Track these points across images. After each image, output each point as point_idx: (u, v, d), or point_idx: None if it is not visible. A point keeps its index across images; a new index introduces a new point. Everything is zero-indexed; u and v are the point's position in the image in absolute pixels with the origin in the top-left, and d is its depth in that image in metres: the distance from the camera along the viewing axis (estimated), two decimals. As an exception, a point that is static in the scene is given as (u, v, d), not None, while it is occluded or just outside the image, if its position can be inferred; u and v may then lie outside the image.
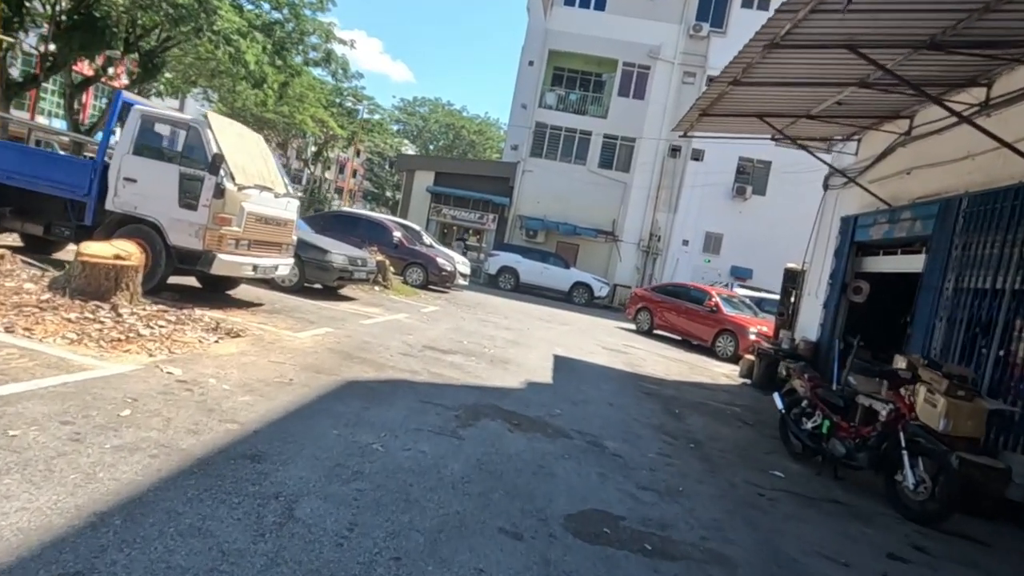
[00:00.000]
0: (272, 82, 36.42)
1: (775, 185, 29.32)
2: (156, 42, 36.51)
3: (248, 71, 33.96)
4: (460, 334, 10.56)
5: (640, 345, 14.97)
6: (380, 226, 17.95)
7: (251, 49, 33.02)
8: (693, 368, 12.81)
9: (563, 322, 16.86)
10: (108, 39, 31.92)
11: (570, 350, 11.59)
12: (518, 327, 13.43)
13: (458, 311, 14.11)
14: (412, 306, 13.20)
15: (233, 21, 32.21)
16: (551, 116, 30.65)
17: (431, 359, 7.88)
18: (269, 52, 40.10)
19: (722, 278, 29.21)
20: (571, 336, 13.90)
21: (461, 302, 16.38)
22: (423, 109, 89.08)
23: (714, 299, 16.66)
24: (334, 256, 11.22)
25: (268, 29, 39.48)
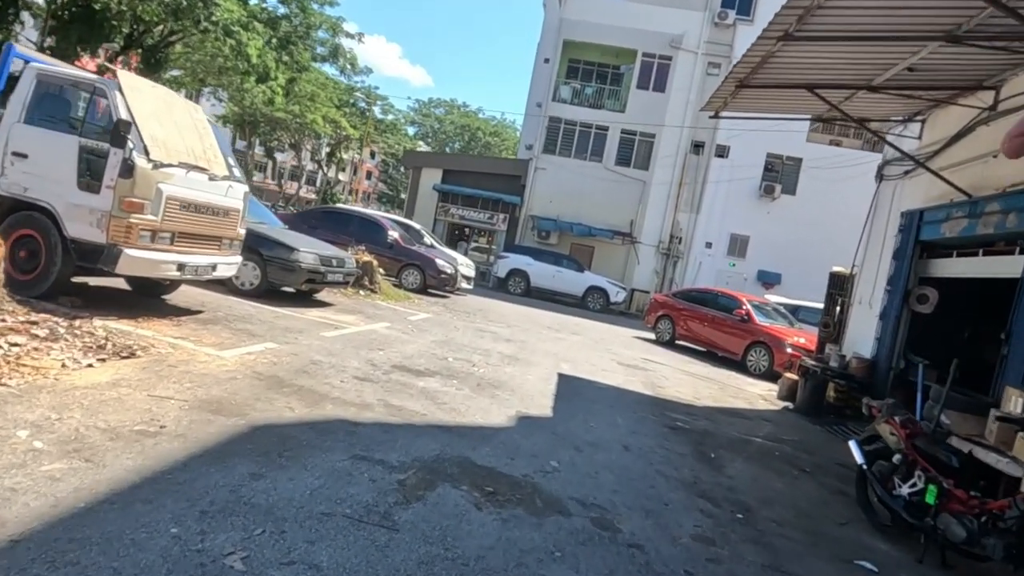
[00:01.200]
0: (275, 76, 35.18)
1: (806, 183, 27.34)
2: (159, 37, 35.41)
3: (250, 64, 32.74)
4: (447, 348, 8.83)
5: (661, 359, 13.15)
6: (374, 224, 16.29)
7: (253, 41, 31.77)
8: (724, 388, 10.97)
9: (574, 331, 15.07)
10: (107, 32, 30.77)
11: (579, 367, 9.81)
12: (521, 338, 11.68)
13: (453, 319, 12.39)
14: (399, 313, 11.50)
15: (232, 11, 30.81)
16: (566, 110, 28.88)
17: (396, 385, 6.15)
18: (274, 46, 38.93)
19: (748, 283, 27.28)
20: (582, 349, 12.11)
21: (460, 308, 14.66)
22: (439, 111, 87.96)
23: (745, 307, 14.80)
24: (302, 254, 9.54)
25: (273, 23, 38.19)
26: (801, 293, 21.46)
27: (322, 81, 63.25)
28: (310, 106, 61.82)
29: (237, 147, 76.30)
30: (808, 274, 26.52)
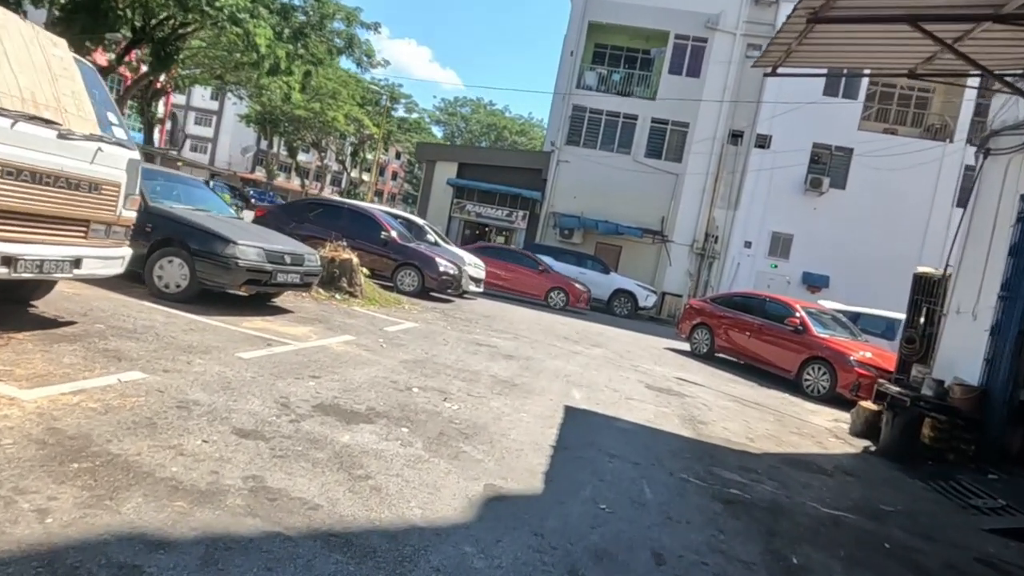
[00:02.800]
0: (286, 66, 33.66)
1: (858, 176, 24.68)
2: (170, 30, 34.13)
3: (260, 55, 31.20)
4: (418, 373, 6.67)
5: (699, 377, 10.84)
6: (366, 218, 14.25)
7: (260, 30, 30.18)
8: (782, 420, 8.62)
9: (595, 342, 12.82)
10: (113, 22, 29.49)
11: (596, 395, 7.57)
12: (527, 354, 9.48)
13: (447, 329, 10.23)
14: (377, 322, 9.39)
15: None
16: (590, 98, 26.62)
17: (300, 444, 4.01)
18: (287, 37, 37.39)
19: (791, 287, 24.70)
20: (602, 367, 9.86)
21: (462, 315, 12.52)
22: (465, 109, 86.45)
23: (799, 314, 12.40)
24: (240, 249, 7.47)
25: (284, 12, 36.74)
26: (851, 298, 18.95)
27: (344, 78, 62.04)
28: (332, 104, 60.68)
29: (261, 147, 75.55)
30: (860, 277, 23.91)
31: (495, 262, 19.08)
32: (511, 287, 19.39)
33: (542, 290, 19.30)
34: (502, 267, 19.32)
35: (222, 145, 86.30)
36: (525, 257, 20.27)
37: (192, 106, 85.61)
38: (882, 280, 23.34)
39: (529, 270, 19.62)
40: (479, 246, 20.70)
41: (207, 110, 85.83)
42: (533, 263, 19.90)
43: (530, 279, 19.42)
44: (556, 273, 20.02)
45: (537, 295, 19.25)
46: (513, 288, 19.36)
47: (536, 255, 20.73)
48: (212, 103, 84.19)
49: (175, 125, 8.77)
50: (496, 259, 19.43)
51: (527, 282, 19.39)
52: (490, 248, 20.81)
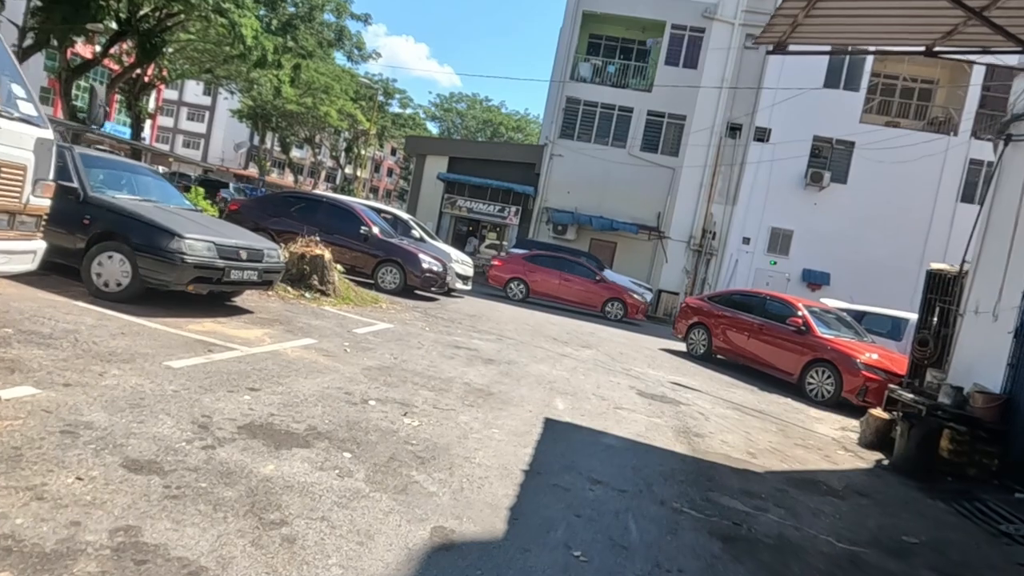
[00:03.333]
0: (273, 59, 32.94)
1: (860, 170, 23.97)
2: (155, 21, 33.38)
3: (246, 46, 30.48)
4: (379, 382, 5.96)
5: (695, 382, 10.13)
6: (344, 212, 13.51)
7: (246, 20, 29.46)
8: (786, 430, 7.91)
9: (586, 343, 12.11)
10: (95, 12, 28.71)
11: (582, 404, 6.86)
12: (510, 357, 8.76)
13: (425, 330, 9.51)
14: (346, 323, 8.66)
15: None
16: (585, 90, 25.87)
17: (206, 478, 3.29)
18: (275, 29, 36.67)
19: (791, 284, 24.03)
20: (591, 371, 9.15)
21: (445, 315, 11.80)
22: (461, 105, 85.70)
23: (801, 313, 11.70)
24: (187, 243, 6.73)
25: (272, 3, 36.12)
26: (852, 296, 18.24)
27: (337, 73, 61.15)
28: (324, 99, 59.80)
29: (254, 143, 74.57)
30: (861, 274, 23.22)
31: (546, 271, 18.83)
32: (563, 297, 18.72)
33: (598, 301, 18.55)
34: (555, 276, 18.79)
35: (215, 141, 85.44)
36: (581, 266, 19.40)
37: (184, 101, 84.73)
38: (885, 277, 22.70)
39: (584, 280, 18.84)
40: (533, 253, 20.21)
41: (200, 105, 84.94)
42: (590, 272, 19.16)
43: (585, 289, 18.67)
44: (613, 282, 19.43)
45: (593, 306, 18.54)
46: (566, 299, 18.69)
47: (592, 263, 20.23)
48: (205, 99, 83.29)
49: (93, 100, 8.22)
50: (548, 267, 19.00)
51: (582, 292, 18.66)
52: (541, 256, 20.01)
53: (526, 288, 18.72)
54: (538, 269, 18.91)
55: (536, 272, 18.84)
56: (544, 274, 18.77)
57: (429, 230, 17.37)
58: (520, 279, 18.76)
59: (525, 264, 19.15)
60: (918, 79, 25.60)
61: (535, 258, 19.60)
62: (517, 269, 18.99)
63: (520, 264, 19.18)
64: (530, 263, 19.17)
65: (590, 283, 18.82)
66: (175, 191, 8.59)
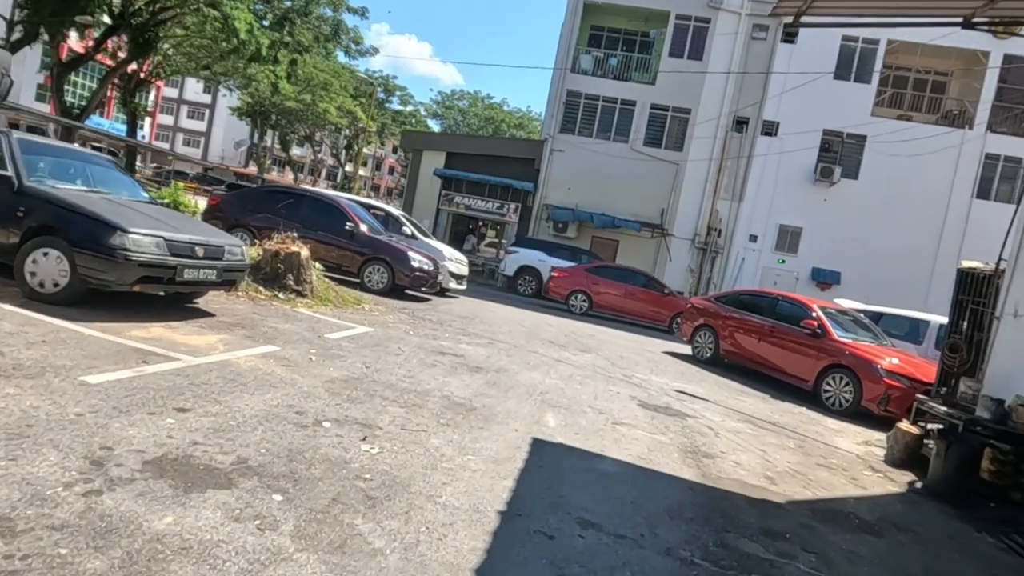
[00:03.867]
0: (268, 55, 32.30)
1: (872, 165, 23.13)
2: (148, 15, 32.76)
3: (240, 40, 29.83)
4: (345, 396, 5.19)
5: (702, 390, 9.34)
6: (329, 207, 12.75)
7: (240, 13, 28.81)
8: (804, 447, 7.12)
9: (585, 346, 11.33)
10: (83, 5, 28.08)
11: (576, 419, 6.08)
12: (500, 364, 7.99)
13: (408, 335, 8.74)
14: (321, 327, 7.90)
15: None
16: (586, 83, 25.08)
17: (63, 539, 2.53)
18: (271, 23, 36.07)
19: (800, 283, 23.23)
20: (589, 378, 8.37)
21: (434, 317, 11.03)
22: (462, 103, 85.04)
23: (816, 314, 10.91)
24: (132, 239, 5.97)
25: (268, -2, 35.38)
26: (863, 295, 17.45)
27: (336, 70, 60.42)
28: (323, 95, 59.09)
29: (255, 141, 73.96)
30: (873, 273, 22.37)
31: (611, 283, 18.24)
32: (629, 311, 18.03)
33: (666, 316, 17.78)
34: (620, 289, 18.16)
35: (215, 139, 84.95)
36: (648, 279, 19.03)
37: (185, 99, 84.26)
38: (897, 277, 21.90)
39: (653, 293, 18.24)
40: (595, 265, 19.79)
41: (200, 103, 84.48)
42: (658, 286, 18.73)
43: (653, 304, 17.99)
44: (681, 298, 18.87)
45: (660, 321, 17.80)
46: (631, 312, 18.00)
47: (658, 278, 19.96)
48: (205, 97, 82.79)
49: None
50: (613, 280, 18.47)
51: (648, 307, 17.99)
52: (606, 267, 19.70)
53: (589, 301, 18.04)
54: (602, 281, 18.37)
55: (600, 284, 18.25)
56: (608, 286, 18.18)
57: (422, 227, 16.61)
58: (583, 292, 18.15)
59: (588, 276, 18.56)
60: (931, 71, 24.76)
61: (598, 270, 19.10)
62: (580, 281, 18.41)
63: (583, 276, 18.60)
64: (594, 275, 18.61)
65: (658, 297, 18.21)
66: (131, 181, 7.83)
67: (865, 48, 23.13)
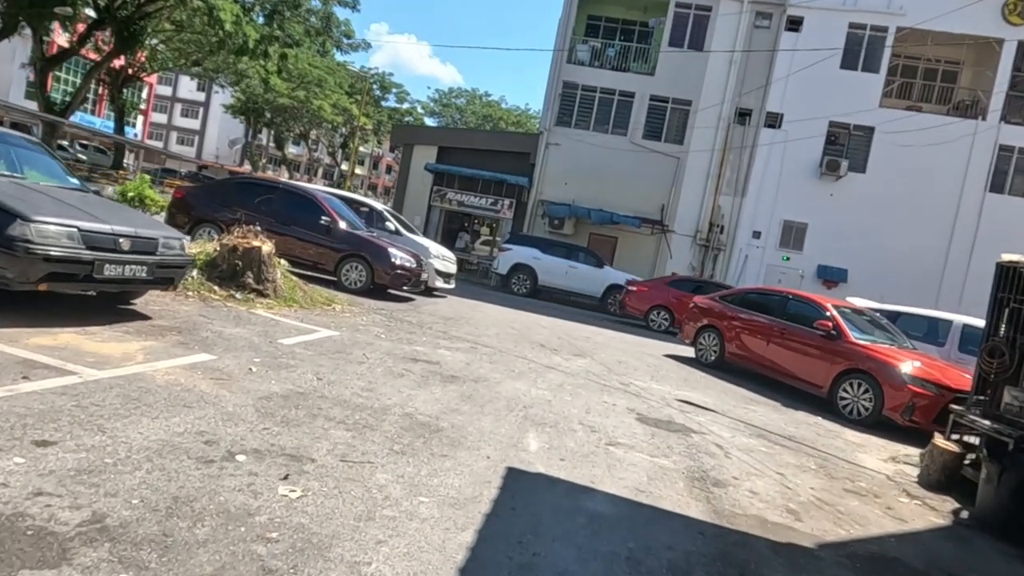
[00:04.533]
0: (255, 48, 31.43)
1: (880, 158, 22.21)
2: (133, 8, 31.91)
3: (225, 32, 29.01)
4: (279, 418, 4.27)
5: (708, 398, 8.42)
6: (304, 200, 11.83)
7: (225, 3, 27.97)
8: (827, 466, 6.20)
9: (579, 350, 10.41)
10: (62, -4, 27.26)
11: (563, 440, 5.16)
12: (481, 372, 7.06)
13: (379, 339, 7.81)
14: (277, 331, 6.97)
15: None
16: (583, 74, 24.15)
17: None
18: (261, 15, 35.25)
19: (805, 281, 22.31)
20: (582, 388, 7.44)
21: (415, 318, 10.11)
22: (460, 100, 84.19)
23: (831, 314, 9.99)
24: (36, 228, 5.04)
25: (255, -10, 34.43)
26: (872, 293, 16.55)
27: (331, 66, 59.48)
28: (318, 92, 58.13)
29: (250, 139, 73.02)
30: (881, 270, 21.43)
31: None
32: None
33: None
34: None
35: (209, 137, 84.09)
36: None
37: (179, 98, 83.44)
38: (907, 274, 21.00)
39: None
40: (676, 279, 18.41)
41: (194, 101, 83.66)
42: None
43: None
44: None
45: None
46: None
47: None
48: (199, 95, 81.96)
49: None
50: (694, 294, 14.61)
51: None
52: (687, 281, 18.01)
53: (671, 317, 16.44)
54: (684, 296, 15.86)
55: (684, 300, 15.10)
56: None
57: (409, 223, 15.68)
58: (665, 308, 16.87)
59: (670, 291, 17.32)
60: (941, 60, 23.83)
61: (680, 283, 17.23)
62: (662, 296, 17.26)
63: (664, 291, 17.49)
64: (675, 289, 17.09)
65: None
66: (58, 166, 6.88)
67: (873, 36, 22.20)
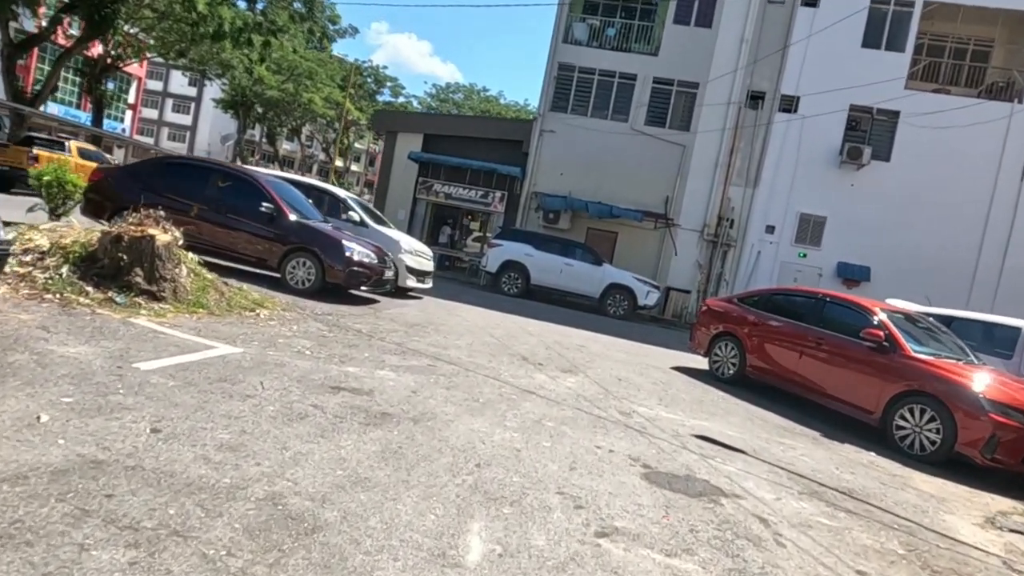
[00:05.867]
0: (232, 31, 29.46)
1: (906, 145, 20.26)
2: (102, -11, 29.76)
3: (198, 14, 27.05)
4: (23, 527, 2.35)
5: (733, 429, 6.50)
6: (243, 183, 9.94)
7: (198, -16, 26.01)
8: (917, 550, 4.26)
9: (569, 364, 8.48)
10: (23, -23, 25.36)
11: (524, 532, 3.24)
12: (426, 405, 5.15)
13: (298, 358, 5.89)
14: (144, 347, 5.06)
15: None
16: (581, 54, 22.20)
17: None
18: (244, 0, 33.19)
19: (824, 280, 20.39)
20: (566, 423, 5.51)
21: (365, 327, 8.18)
22: (458, 96, 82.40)
23: (881, 320, 8.09)
24: None
25: (234, -26, 32.51)
26: (902, 291, 14.63)
27: (322, 58, 57.66)
28: (308, 85, 56.36)
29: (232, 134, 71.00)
30: (908, 268, 19.46)
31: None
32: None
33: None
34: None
35: (201, 133, 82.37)
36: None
37: (170, 92, 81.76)
38: (936, 272, 19.06)
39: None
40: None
41: (185, 96, 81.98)
42: None
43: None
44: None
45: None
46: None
47: None
48: (190, 90, 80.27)
49: None
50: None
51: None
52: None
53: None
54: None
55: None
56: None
57: (379, 213, 13.75)
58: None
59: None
60: (971, 39, 21.86)
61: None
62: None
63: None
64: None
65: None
66: None
67: (898, 11, 20.25)
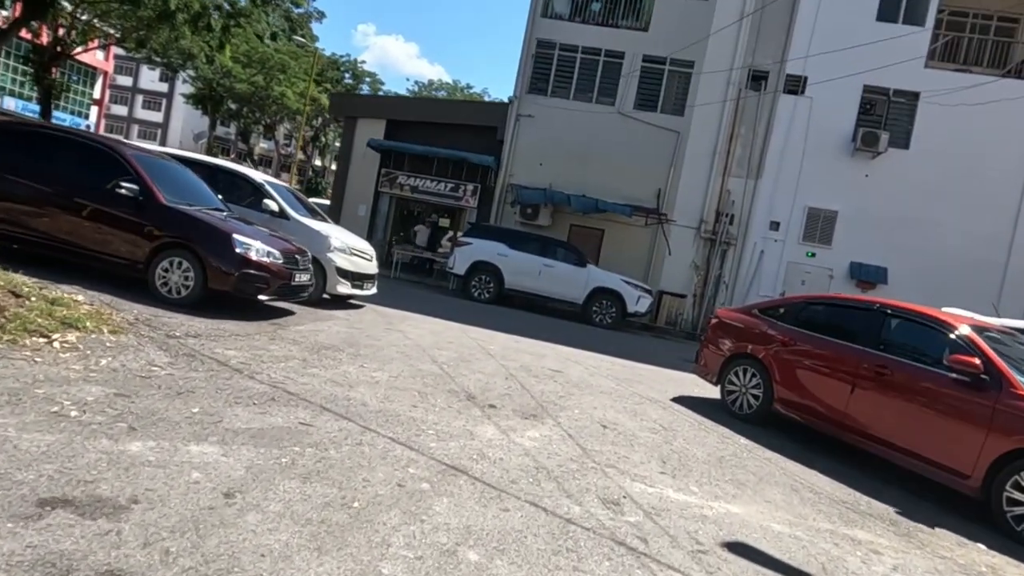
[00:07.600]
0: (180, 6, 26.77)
1: (926, 130, 18.01)
2: (42, -36, 27.04)
3: (146, -7, 24.41)
4: None
5: (777, 522, 4.09)
6: (101, 155, 7.42)
7: (140, -42, 23.40)
8: None
9: (535, 402, 6.03)
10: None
11: None
12: (242, 529, 2.70)
13: (53, 429, 3.41)
14: None
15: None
16: (562, 30, 19.81)
17: None
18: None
19: (835, 282, 18.15)
20: (500, 540, 3.07)
21: (241, 354, 5.70)
22: (440, 93, 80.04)
23: (973, 341, 5.70)
24: None
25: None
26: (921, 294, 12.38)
27: (294, 51, 55.14)
28: (281, 78, 53.85)
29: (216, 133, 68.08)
30: (930, 267, 17.28)
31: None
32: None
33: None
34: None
35: (173, 131, 79.29)
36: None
37: (140, 88, 78.81)
38: (960, 272, 16.91)
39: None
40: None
41: (156, 92, 78.95)
42: None
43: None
44: None
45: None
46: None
47: None
48: (162, 85, 77.31)
49: None
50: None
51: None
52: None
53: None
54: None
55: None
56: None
57: (307, 201, 11.23)
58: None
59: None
60: (994, 15, 19.71)
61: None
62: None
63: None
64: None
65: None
66: None
67: (917, -18, 18.05)
